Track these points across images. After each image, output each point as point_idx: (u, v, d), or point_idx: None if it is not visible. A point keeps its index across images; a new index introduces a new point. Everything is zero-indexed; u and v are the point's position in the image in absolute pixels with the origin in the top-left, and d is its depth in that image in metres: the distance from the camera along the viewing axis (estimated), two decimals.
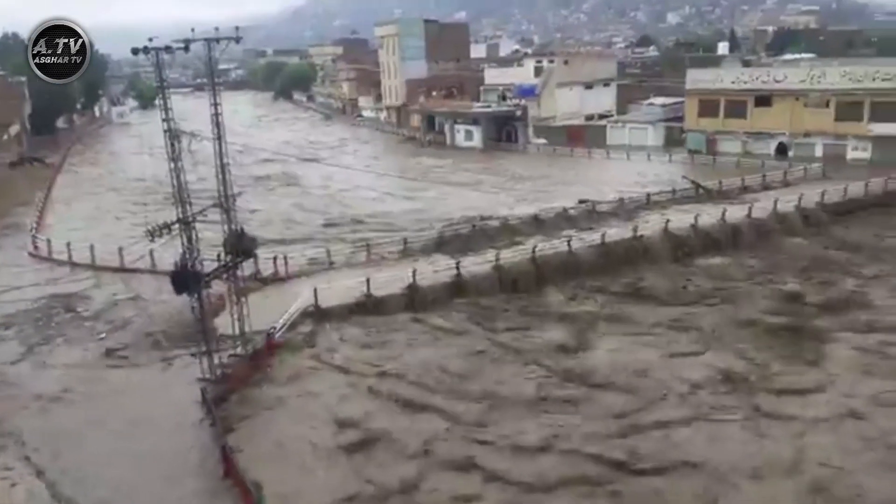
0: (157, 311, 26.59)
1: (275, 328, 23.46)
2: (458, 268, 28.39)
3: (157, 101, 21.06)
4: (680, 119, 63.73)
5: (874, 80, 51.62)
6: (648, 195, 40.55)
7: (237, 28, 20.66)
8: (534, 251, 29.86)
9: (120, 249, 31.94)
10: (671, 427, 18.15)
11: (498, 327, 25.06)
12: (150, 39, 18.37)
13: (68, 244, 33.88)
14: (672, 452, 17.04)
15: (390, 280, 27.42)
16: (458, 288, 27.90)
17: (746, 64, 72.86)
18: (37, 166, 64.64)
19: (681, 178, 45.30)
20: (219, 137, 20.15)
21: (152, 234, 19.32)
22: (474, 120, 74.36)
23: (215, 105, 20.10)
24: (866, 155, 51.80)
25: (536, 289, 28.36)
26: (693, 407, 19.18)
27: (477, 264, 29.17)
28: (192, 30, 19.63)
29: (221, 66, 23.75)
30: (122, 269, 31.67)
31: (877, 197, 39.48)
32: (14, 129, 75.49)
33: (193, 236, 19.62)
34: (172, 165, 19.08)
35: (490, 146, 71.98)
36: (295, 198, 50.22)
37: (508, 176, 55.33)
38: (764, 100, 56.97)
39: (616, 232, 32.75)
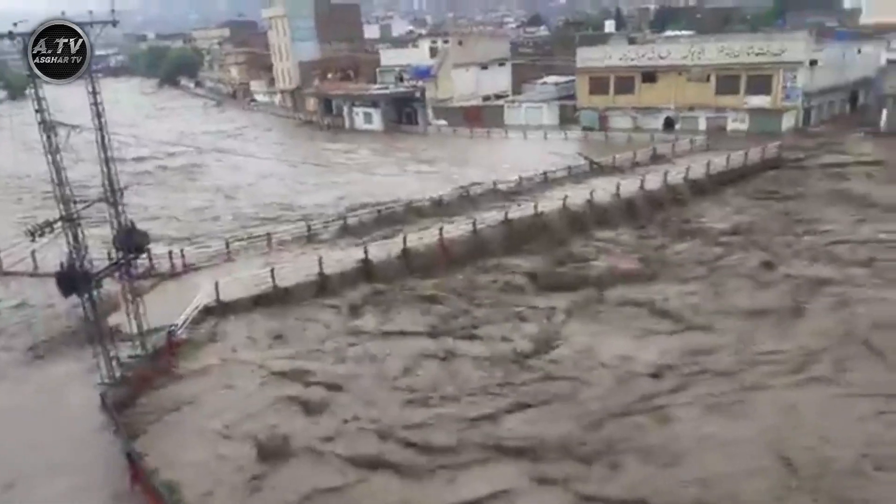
0: (44, 315, 24.96)
1: (176, 325, 22.54)
2: (365, 253, 28.16)
3: (27, 91, 19.56)
4: (573, 97, 65.38)
5: (748, 54, 54.81)
6: (545, 173, 41.52)
7: (113, 11, 19.41)
8: (441, 233, 30.04)
9: None
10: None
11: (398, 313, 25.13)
12: (15, 24, 16.99)
13: None
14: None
15: (296, 269, 26.90)
16: (366, 273, 27.70)
17: (632, 41, 75.30)
18: None
19: (576, 155, 46.66)
20: (100, 128, 18.98)
21: (33, 234, 18.06)
22: (373, 102, 73.63)
23: (94, 93, 18.87)
24: (744, 126, 55.11)
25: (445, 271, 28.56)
26: None
27: (383, 249, 29.06)
28: (63, 12, 18.29)
29: (99, 52, 22.22)
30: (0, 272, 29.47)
31: (755, 164, 42.17)
32: None
33: (80, 234, 18.46)
34: (50, 159, 17.84)
35: (391, 128, 71.58)
36: (198, 192, 48.03)
37: (414, 159, 55.18)
38: (650, 76, 59.37)
39: (518, 210, 33.41)
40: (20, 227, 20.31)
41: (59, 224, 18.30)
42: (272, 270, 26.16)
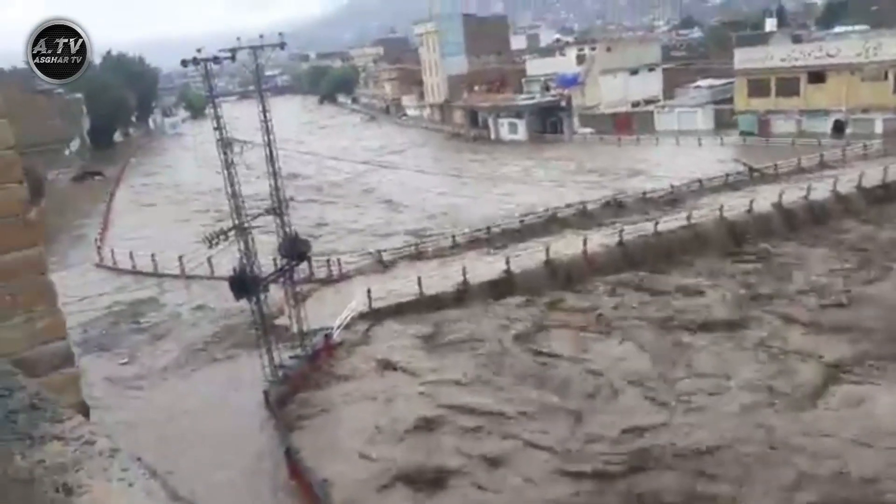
0: (218, 316, 27.27)
1: (332, 328, 23.75)
2: (507, 262, 28.25)
3: (207, 111, 21.54)
4: (729, 101, 61.94)
5: None
6: (700, 181, 39.63)
7: (281, 34, 20.92)
8: (584, 244, 29.53)
9: (180, 258, 32.82)
10: None
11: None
12: (199, 50, 18.79)
13: (131, 253, 35.03)
14: None
15: (443, 278, 27.51)
16: (507, 284, 27.73)
17: (796, 39, 70.39)
18: (97, 180, 66.91)
19: (734, 162, 44.16)
20: (269, 143, 20.49)
21: (210, 241, 19.76)
22: (517, 113, 73.83)
23: (264, 112, 20.43)
24: None
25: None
26: None
27: (526, 259, 28.97)
28: (238, 38, 19.98)
29: (267, 73, 24.07)
30: (182, 276, 32.60)
31: None
32: (75, 144, 78.36)
33: (250, 242, 19.97)
34: (226, 173, 19.47)
35: (535, 138, 71.37)
36: (368, 205, 48.53)
37: (560, 168, 54.62)
38: (817, 76, 54.93)
39: (669, 219, 32.09)
40: (200, 235, 22.26)
41: (233, 232, 19.91)
42: (419, 279, 26.87)
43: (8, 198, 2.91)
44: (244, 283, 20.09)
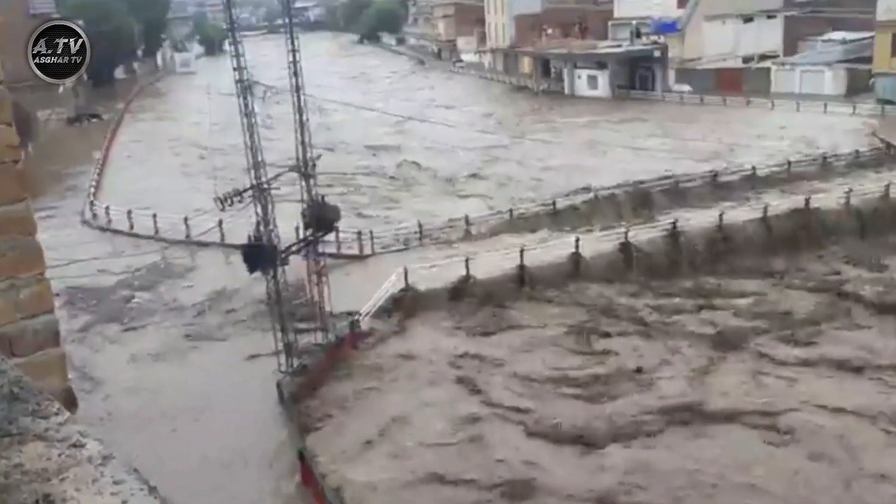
0: (229, 291, 27.83)
1: (360, 314, 23.95)
2: (576, 246, 28.10)
3: (226, 47, 21.75)
4: (867, 60, 59.98)
5: None
6: (824, 157, 38.94)
7: None
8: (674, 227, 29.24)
9: (185, 220, 33.54)
10: None
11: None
12: None
13: (129, 213, 35.91)
14: None
15: (495, 260, 27.51)
16: (574, 270, 27.68)
17: None
18: (94, 123, 68.53)
19: (868, 136, 43.00)
20: (297, 90, 20.61)
21: (223, 202, 20.08)
22: (599, 63, 72.77)
23: (293, 51, 20.52)
24: None
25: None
26: None
27: (601, 242, 28.88)
28: None
29: (298, 5, 24.18)
30: (188, 242, 33.37)
31: None
32: (69, 80, 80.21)
33: (269, 206, 20.20)
34: (245, 122, 19.67)
35: (619, 95, 70.29)
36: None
37: (652, 134, 53.57)
38: None
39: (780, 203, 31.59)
40: (210, 195, 22.64)
41: (249, 193, 20.17)
42: (467, 260, 26.90)
43: None
44: (260, 254, 20.37)
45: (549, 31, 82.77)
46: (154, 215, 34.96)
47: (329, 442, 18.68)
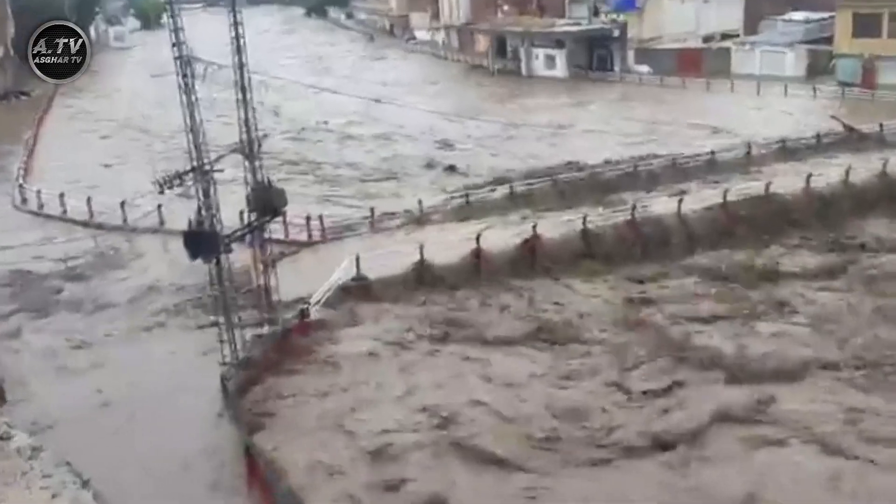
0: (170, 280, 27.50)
1: (309, 303, 23.82)
2: (534, 230, 28.37)
3: (163, 20, 21.37)
4: (827, 41, 61.24)
5: None
6: (784, 142, 39.77)
7: None
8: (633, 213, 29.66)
9: (122, 204, 32.96)
10: None
11: None
12: None
13: (61, 196, 35.19)
14: None
15: (451, 246, 27.56)
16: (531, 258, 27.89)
17: None
18: (23, 100, 66.81)
19: (828, 118, 43.99)
20: (241, 66, 20.31)
21: (161, 185, 19.73)
22: (557, 42, 73.05)
23: (236, 25, 20.19)
24: None
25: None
26: None
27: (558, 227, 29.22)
28: None
29: None
30: (124, 228, 32.87)
31: None
32: None
33: (212, 190, 19.91)
34: (184, 100, 19.30)
35: (577, 75, 70.72)
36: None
37: (615, 115, 54.69)
38: None
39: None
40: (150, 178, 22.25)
41: (190, 176, 19.84)
42: (421, 247, 26.92)
43: None
44: (202, 240, 20.09)
45: (506, 7, 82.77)
46: (88, 199, 34.33)
47: (277, 437, 18.56)
